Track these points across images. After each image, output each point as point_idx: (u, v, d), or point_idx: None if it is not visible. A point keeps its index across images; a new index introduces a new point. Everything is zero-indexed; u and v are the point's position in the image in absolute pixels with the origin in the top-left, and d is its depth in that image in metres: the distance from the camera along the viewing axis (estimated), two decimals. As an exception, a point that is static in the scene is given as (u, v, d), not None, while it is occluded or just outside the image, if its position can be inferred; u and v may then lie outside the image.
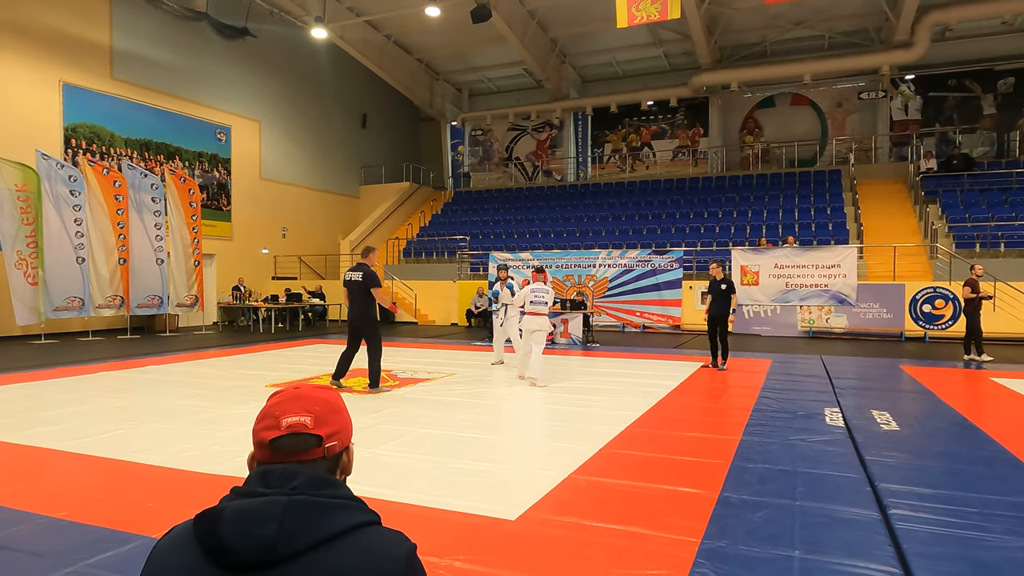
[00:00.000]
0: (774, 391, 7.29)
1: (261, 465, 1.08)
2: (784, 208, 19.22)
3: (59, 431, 5.31)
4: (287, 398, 1.12)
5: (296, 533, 0.97)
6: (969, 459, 4.51)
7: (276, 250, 20.87)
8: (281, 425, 1.08)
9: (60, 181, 12.94)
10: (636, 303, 15.75)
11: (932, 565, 2.79)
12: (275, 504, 0.99)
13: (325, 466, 1.10)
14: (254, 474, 1.07)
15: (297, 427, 1.08)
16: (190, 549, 1.01)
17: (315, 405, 1.12)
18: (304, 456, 1.08)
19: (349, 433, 1.17)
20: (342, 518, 1.02)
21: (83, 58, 15.13)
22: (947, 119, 20.79)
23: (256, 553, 0.96)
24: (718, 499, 3.67)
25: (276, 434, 1.08)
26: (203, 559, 0.99)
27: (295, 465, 1.06)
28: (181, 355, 10.70)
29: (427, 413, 6.14)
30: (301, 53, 21.51)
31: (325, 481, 1.06)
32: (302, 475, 1.04)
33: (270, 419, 1.10)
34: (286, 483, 1.03)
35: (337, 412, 1.14)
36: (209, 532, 0.99)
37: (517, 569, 2.80)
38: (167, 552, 1.03)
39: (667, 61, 23.15)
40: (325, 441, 1.09)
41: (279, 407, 1.11)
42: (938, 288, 13.62)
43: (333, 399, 1.15)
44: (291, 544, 0.97)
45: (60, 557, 2.89)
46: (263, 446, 1.09)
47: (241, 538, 0.96)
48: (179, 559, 1.01)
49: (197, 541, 1.00)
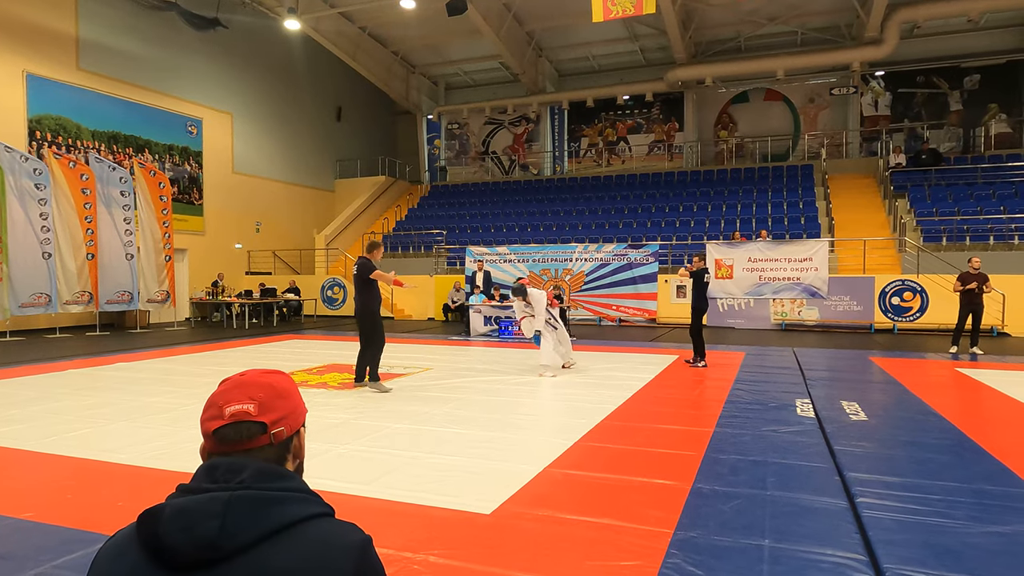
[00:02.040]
0: (747, 383, 7.39)
1: (210, 457, 1.06)
2: (758, 202, 19.46)
3: (25, 430, 5.20)
4: (231, 386, 1.10)
5: (239, 529, 0.94)
6: (934, 448, 4.63)
7: (249, 245, 20.59)
8: (224, 414, 1.06)
9: (24, 175, 12.61)
10: (612, 297, 15.85)
11: (896, 551, 2.86)
12: (216, 501, 0.96)
13: (273, 454, 1.08)
14: (200, 469, 1.04)
15: (240, 415, 1.06)
16: (133, 551, 0.98)
17: (259, 391, 1.09)
18: (250, 444, 1.06)
19: (299, 417, 1.14)
20: (289, 510, 0.99)
21: (48, 48, 14.74)
22: (915, 115, 21.22)
23: (198, 552, 0.93)
24: (691, 490, 3.72)
25: (219, 424, 1.06)
26: (146, 561, 0.96)
27: (242, 458, 1.04)
28: (152, 352, 10.51)
29: (402, 408, 6.12)
30: (274, 45, 21.19)
31: (274, 473, 1.03)
32: (249, 468, 1.01)
33: (214, 409, 1.08)
34: (233, 477, 1.00)
35: (283, 397, 1.11)
36: (150, 533, 0.96)
37: (492, 563, 2.81)
38: (111, 557, 1.01)
39: (643, 56, 23.27)
40: (270, 428, 1.07)
41: (223, 396, 1.09)
42: (906, 281, 13.92)
43: (279, 383, 1.13)
44: (233, 541, 0.94)
45: (25, 559, 2.83)
46: (208, 437, 1.07)
47: (182, 537, 0.94)
48: (122, 564, 0.98)
49: (140, 542, 0.98)
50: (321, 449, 4.62)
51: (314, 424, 5.38)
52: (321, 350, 10.80)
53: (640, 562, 2.80)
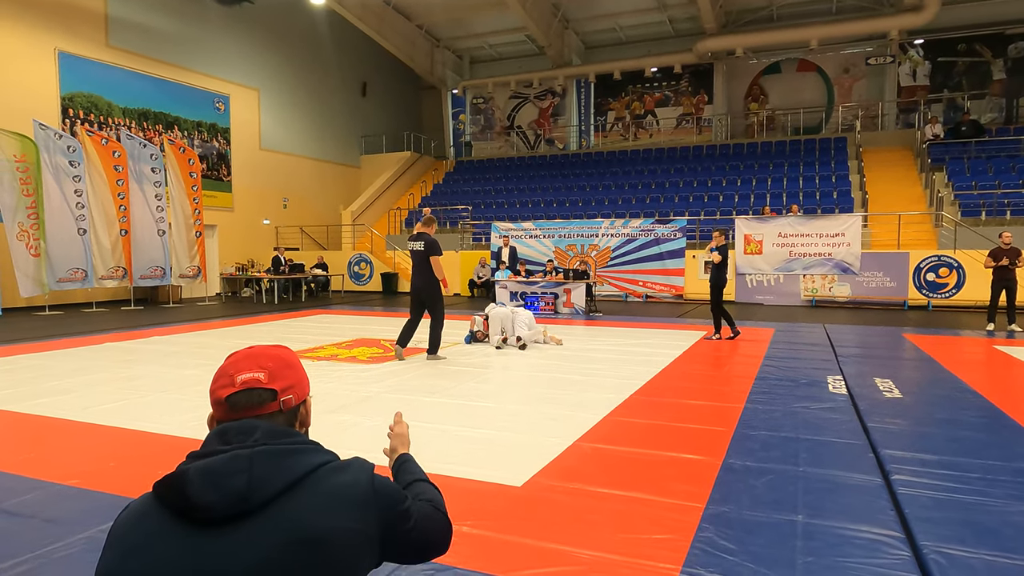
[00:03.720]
0: (777, 360, 7.31)
1: (220, 424, 1.11)
2: (788, 176, 19.06)
3: (67, 401, 5.36)
4: (241, 357, 1.16)
5: (264, 482, 1.00)
6: (972, 425, 4.54)
7: (277, 221, 20.80)
8: (236, 382, 1.12)
9: (59, 152, 12.84)
10: (639, 272, 15.72)
11: (933, 529, 2.82)
12: (239, 458, 1.02)
13: (283, 420, 1.14)
14: (212, 434, 1.10)
15: (251, 383, 1.12)
16: (156, 516, 1.02)
17: (268, 361, 1.15)
18: (260, 410, 1.11)
19: (305, 387, 1.20)
20: (306, 460, 1.06)
21: (78, 25, 14.89)
22: (956, 85, 20.48)
23: (230, 506, 0.98)
24: (722, 465, 3.71)
25: (231, 391, 1.11)
26: (172, 522, 1.00)
27: (252, 420, 1.09)
28: (185, 326, 10.74)
29: (432, 382, 6.17)
30: (300, 20, 21.15)
31: (283, 432, 1.10)
32: (260, 429, 1.08)
33: (225, 378, 1.13)
34: (246, 438, 1.06)
35: (290, 367, 1.18)
36: (177, 494, 1.00)
37: (525, 533, 2.83)
38: (131, 525, 1.04)
39: (671, 27, 22.74)
40: (280, 395, 1.13)
41: (233, 366, 1.15)
42: (942, 256, 13.57)
43: (286, 356, 1.19)
44: (261, 492, 1.00)
45: (73, 524, 2.93)
46: (220, 403, 1.12)
47: (213, 494, 0.98)
48: (147, 528, 1.02)
49: (163, 506, 1.02)
50: (352, 422, 4.69)
51: (345, 397, 5.46)
52: (349, 325, 10.92)
53: (672, 536, 2.81)
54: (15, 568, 2.53)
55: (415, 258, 7.38)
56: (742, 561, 2.57)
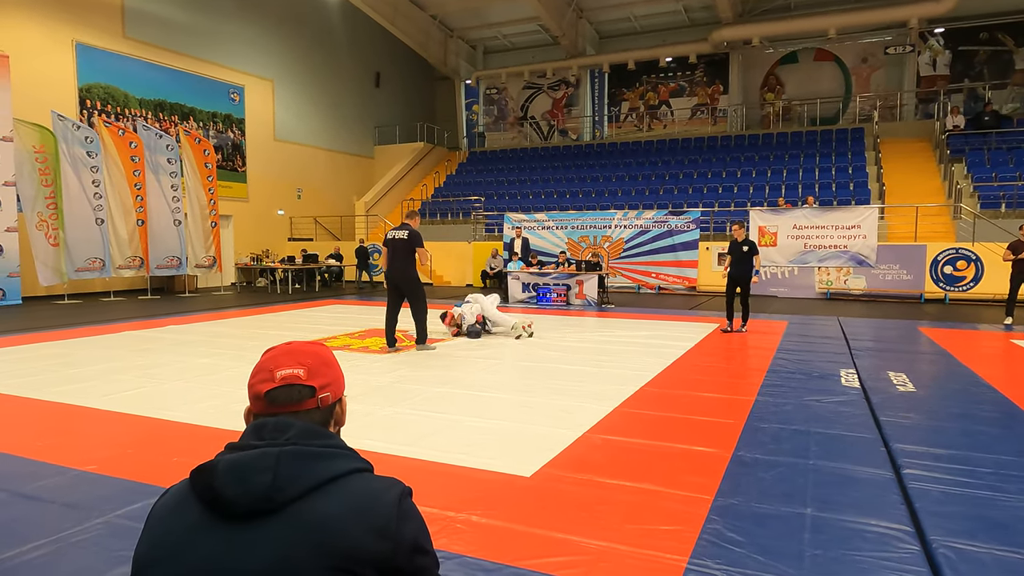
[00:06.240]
0: (790, 352, 7.27)
1: (257, 418, 1.12)
2: (804, 168, 18.87)
3: (86, 388, 5.45)
4: (280, 352, 1.16)
5: (289, 482, 1.01)
6: (986, 420, 4.50)
7: (291, 211, 20.92)
8: (275, 377, 1.12)
9: (77, 142, 12.99)
10: (652, 264, 15.68)
11: (944, 523, 2.81)
12: (267, 456, 1.03)
13: (319, 417, 1.14)
14: (249, 428, 1.10)
15: (291, 379, 1.12)
16: (190, 505, 1.04)
17: (307, 358, 1.15)
18: (298, 407, 1.11)
19: (341, 385, 1.20)
20: (334, 465, 1.06)
21: (96, 17, 15.01)
22: (977, 75, 20.12)
23: (252, 503, 1.00)
24: (731, 458, 3.71)
25: (271, 386, 1.11)
26: (203, 513, 1.02)
27: (289, 417, 1.10)
28: (201, 315, 10.86)
29: (443, 373, 6.21)
30: (313, 10, 21.18)
31: (317, 432, 1.10)
32: (295, 427, 1.08)
33: (264, 372, 1.13)
34: (280, 435, 1.06)
35: (328, 365, 1.18)
36: (205, 486, 1.02)
37: (533, 523, 2.86)
38: (167, 511, 1.07)
39: (687, 16, 22.52)
40: (318, 392, 1.13)
41: (272, 361, 1.15)
42: (960, 249, 13.40)
43: (324, 353, 1.19)
44: (285, 492, 1.00)
45: (91, 508, 2.99)
46: (259, 398, 1.12)
47: (237, 489, 1.00)
48: (179, 517, 1.04)
49: (196, 496, 1.04)
50: (365, 411, 4.74)
51: (358, 387, 5.51)
52: (361, 315, 10.99)
53: (680, 527, 2.82)
54: (35, 551, 2.59)
55: (393, 246, 7.29)
56: (750, 553, 2.57)
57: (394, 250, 7.31)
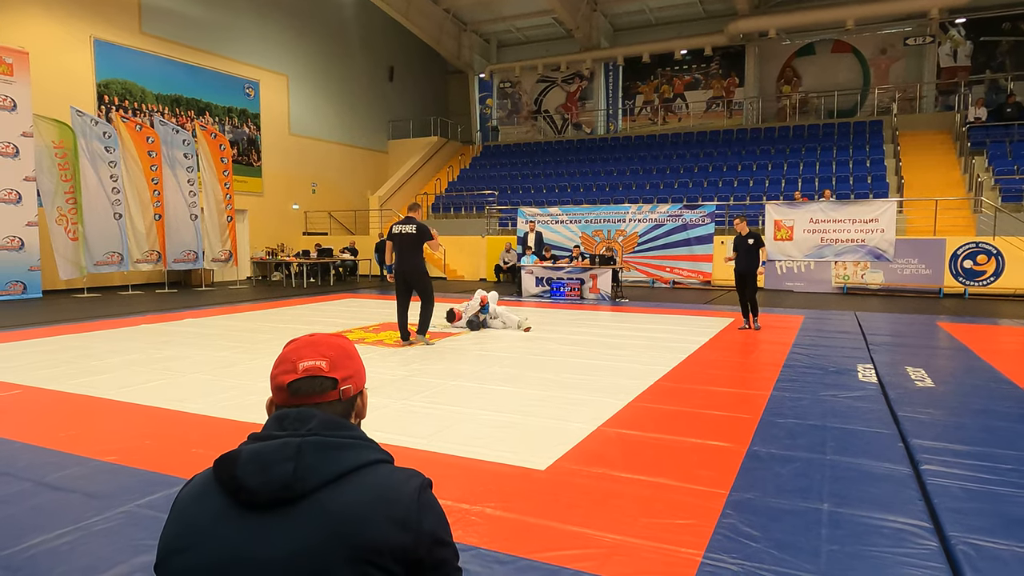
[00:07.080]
0: (806, 347, 7.22)
1: (279, 409, 1.13)
2: (821, 161, 18.66)
3: (106, 380, 5.53)
4: (303, 344, 1.17)
5: (310, 471, 1.02)
6: (1006, 416, 4.44)
7: (306, 206, 21.04)
8: (298, 369, 1.13)
9: (95, 137, 13.13)
10: (666, 258, 15.59)
11: (963, 520, 2.79)
12: (289, 446, 1.04)
13: (340, 408, 1.15)
14: (271, 419, 1.11)
15: (313, 370, 1.13)
16: (213, 494, 1.05)
17: (329, 350, 1.16)
18: (320, 398, 1.12)
19: (362, 378, 1.21)
20: (354, 456, 1.07)
21: (113, 13, 15.15)
22: (999, 66, 19.76)
23: (273, 492, 1.01)
24: (747, 453, 3.69)
25: (293, 377, 1.12)
26: (226, 502, 1.03)
27: (311, 409, 1.11)
28: (217, 309, 10.96)
29: (457, 366, 6.23)
30: (327, 5, 21.23)
31: (338, 423, 1.11)
32: (317, 418, 1.09)
33: (287, 364, 1.14)
34: (301, 426, 1.07)
35: (350, 357, 1.18)
36: (228, 475, 1.03)
37: (547, 516, 2.87)
38: (191, 499, 1.08)
39: (702, 8, 22.30)
40: (340, 384, 1.14)
41: (295, 352, 1.15)
42: (981, 243, 13.20)
43: (346, 345, 1.20)
44: (306, 482, 1.01)
45: (111, 498, 3.04)
46: (281, 389, 1.13)
47: (259, 479, 1.01)
48: (203, 506, 1.06)
49: (219, 486, 1.05)
50: (380, 404, 4.77)
51: (373, 380, 5.54)
52: (376, 309, 11.05)
53: (695, 521, 2.81)
54: (59, 539, 2.64)
55: (403, 241, 7.26)
56: (765, 548, 2.56)
57: (401, 244, 7.31)
